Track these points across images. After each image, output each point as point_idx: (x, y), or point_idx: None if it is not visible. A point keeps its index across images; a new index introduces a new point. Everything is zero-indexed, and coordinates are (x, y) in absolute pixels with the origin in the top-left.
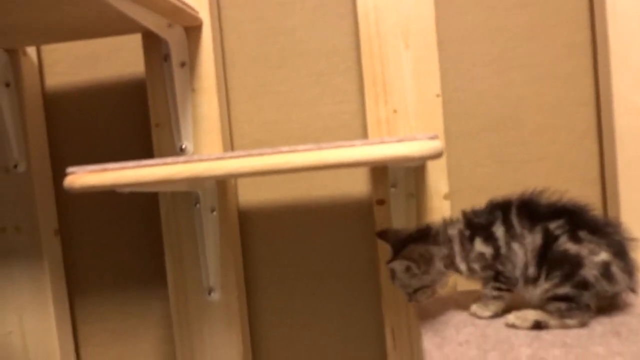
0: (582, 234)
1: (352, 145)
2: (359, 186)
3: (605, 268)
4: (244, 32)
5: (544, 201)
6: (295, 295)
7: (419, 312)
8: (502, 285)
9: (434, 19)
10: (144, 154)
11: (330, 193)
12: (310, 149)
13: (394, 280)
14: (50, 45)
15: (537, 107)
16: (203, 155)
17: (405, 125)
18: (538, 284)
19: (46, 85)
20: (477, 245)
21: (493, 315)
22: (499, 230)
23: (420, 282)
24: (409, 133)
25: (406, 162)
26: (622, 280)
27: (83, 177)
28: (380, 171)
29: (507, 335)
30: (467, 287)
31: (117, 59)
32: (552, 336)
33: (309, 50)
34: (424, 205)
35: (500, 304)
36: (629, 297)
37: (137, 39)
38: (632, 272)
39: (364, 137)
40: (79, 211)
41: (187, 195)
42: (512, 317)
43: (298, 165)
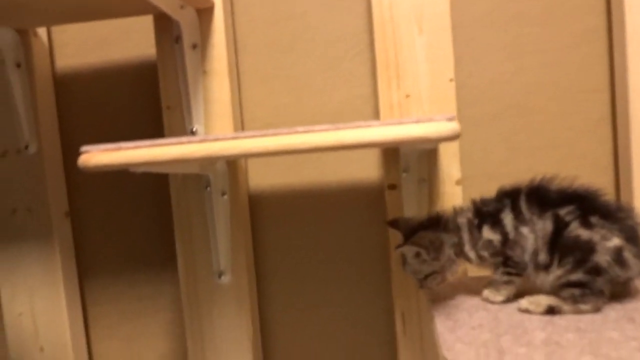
0: (594, 219)
1: (369, 126)
2: (369, 171)
3: (617, 253)
4: (256, 15)
5: (554, 187)
6: (305, 279)
7: (430, 297)
8: (512, 269)
9: (449, 4)
10: (154, 137)
11: (341, 178)
12: (327, 129)
13: (404, 267)
14: (61, 27)
15: (550, 93)
16: (218, 135)
17: (418, 109)
18: (550, 270)
19: (56, 67)
20: (485, 232)
21: (505, 300)
22: (508, 217)
23: (430, 268)
24: None
25: (423, 143)
26: (635, 265)
27: (97, 155)
28: (392, 156)
29: (520, 320)
30: (478, 274)
31: (128, 40)
32: (566, 321)
33: (321, 34)
34: (435, 190)
35: (511, 289)
36: None
37: (148, 21)
38: None
39: None
40: (89, 193)
41: (197, 178)
42: (525, 302)
43: (314, 145)
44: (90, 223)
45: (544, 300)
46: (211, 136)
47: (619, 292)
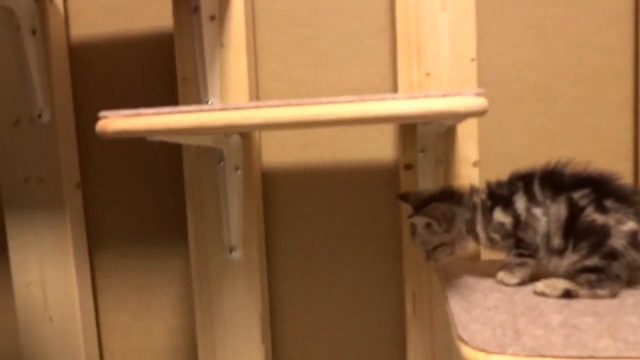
0: (609, 203)
1: (394, 98)
2: (384, 151)
3: (633, 237)
4: None
5: (568, 171)
6: (316, 257)
7: (443, 276)
8: (524, 251)
9: None
10: None
11: (355, 157)
12: (352, 101)
13: (414, 237)
14: None
15: (573, 76)
16: (239, 104)
17: (438, 89)
18: (565, 255)
19: (72, 35)
20: (497, 215)
21: (519, 283)
22: (520, 199)
23: (440, 239)
24: None
25: (449, 118)
26: None
27: (116, 121)
28: (409, 135)
29: (536, 302)
30: (491, 257)
31: (145, 10)
32: (583, 305)
33: (340, 10)
34: (452, 171)
35: (525, 271)
36: None
37: None
38: None
39: None
40: (101, 165)
41: (211, 152)
42: (541, 285)
43: (337, 117)
44: (101, 194)
45: (560, 284)
46: (232, 105)
47: (635, 279)
